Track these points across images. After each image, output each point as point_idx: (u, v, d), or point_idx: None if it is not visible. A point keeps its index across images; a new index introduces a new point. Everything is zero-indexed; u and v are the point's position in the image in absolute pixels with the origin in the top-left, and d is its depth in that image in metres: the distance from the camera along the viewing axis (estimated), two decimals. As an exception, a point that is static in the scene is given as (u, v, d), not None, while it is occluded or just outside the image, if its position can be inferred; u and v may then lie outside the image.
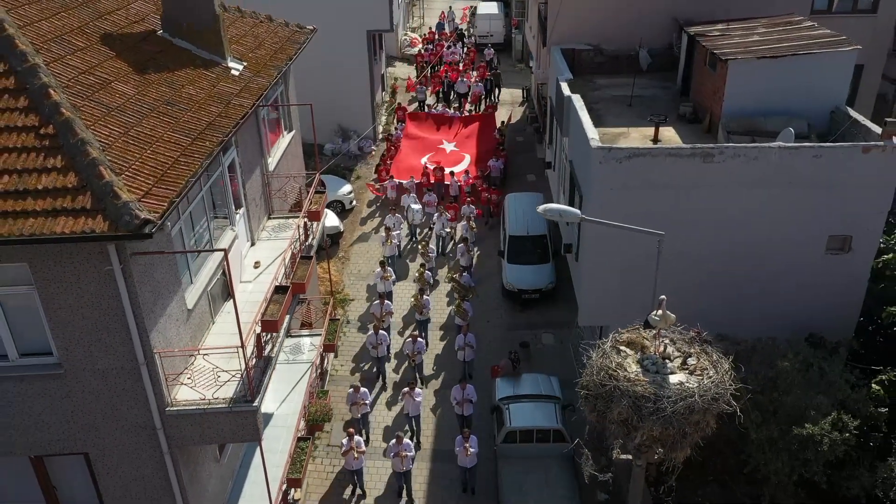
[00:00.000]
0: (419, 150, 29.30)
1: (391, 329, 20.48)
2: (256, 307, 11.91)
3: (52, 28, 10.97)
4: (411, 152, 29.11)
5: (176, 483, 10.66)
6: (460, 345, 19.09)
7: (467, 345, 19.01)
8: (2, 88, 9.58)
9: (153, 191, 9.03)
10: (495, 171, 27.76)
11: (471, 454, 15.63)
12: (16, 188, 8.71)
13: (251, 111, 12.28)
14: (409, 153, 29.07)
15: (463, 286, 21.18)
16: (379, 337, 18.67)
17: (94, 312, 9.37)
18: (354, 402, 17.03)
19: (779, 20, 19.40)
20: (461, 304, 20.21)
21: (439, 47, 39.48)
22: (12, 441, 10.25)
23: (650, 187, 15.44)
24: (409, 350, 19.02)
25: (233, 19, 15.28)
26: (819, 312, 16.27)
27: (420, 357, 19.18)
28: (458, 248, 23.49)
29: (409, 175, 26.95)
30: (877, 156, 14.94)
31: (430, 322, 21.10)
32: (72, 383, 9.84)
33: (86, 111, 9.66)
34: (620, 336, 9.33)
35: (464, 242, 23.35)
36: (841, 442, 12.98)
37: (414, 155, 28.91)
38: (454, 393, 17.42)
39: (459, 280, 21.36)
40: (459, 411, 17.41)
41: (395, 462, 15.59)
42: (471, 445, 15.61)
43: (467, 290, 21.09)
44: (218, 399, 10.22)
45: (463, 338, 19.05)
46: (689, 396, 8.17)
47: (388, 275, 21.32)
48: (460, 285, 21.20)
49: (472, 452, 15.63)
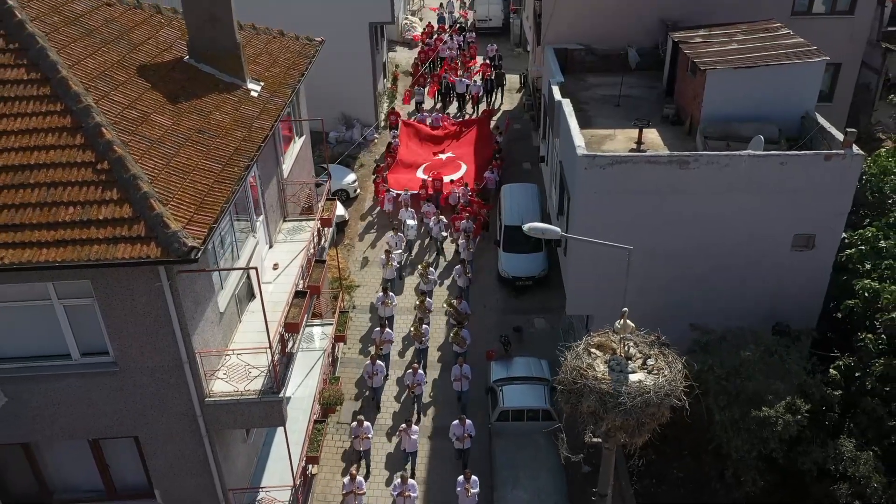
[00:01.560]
0: (415, 160, 29.36)
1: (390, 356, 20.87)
2: (277, 306, 13.66)
3: (96, 65, 12.54)
4: (407, 163, 29.16)
5: (212, 460, 12.52)
6: (456, 375, 19.33)
7: (463, 376, 19.27)
8: (60, 127, 11.21)
9: (195, 218, 10.72)
10: (491, 184, 28.05)
11: (472, 495, 15.96)
12: (80, 219, 10.40)
13: (270, 133, 13.89)
14: (405, 164, 29.14)
15: (459, 312, 21.48)
16: (375, 367, 19.24)
17: (145, 320, 11.12)
18: (357, 436, 17.61)
19: (758, 26, 20.80)
20: (459, 332, 20.48)
21: (438, 42, 38.92)
22: (74, 427, 12.10)
23: (632, 191, 17.08)
24: (409, 381, 19.37)
25: (248, 37, 16.76)
26: (785, 304, 18.05)
27: (420, 388, 19.52)
28: (456, 270, 23.40)
29: (405, 187, 27.05)
30: (837, 163, 16.58)
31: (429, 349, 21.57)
32: (125, 378, 11.64)
33: (133, 146, 11.30)
34: (592, 339, 11.08)
35: (461, 264, 23.35)
36: (794, 423, 14.79)
37: (410, 166, 28.98)
38: (454, 429, 17.72)
39: (457, 307, 21.65)
40: (459, 446, 17.76)
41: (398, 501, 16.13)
42: (471, 486, 15.95)
43: (463, 317, 21.38)
44: (249, 391, 12.03)
45: (459, 369, 19.29)
46: (645, 393, 9.96)
47: (389, 301, 21.60)
48: (457, 311, 21.54)
49: (474, 493, 15.95)
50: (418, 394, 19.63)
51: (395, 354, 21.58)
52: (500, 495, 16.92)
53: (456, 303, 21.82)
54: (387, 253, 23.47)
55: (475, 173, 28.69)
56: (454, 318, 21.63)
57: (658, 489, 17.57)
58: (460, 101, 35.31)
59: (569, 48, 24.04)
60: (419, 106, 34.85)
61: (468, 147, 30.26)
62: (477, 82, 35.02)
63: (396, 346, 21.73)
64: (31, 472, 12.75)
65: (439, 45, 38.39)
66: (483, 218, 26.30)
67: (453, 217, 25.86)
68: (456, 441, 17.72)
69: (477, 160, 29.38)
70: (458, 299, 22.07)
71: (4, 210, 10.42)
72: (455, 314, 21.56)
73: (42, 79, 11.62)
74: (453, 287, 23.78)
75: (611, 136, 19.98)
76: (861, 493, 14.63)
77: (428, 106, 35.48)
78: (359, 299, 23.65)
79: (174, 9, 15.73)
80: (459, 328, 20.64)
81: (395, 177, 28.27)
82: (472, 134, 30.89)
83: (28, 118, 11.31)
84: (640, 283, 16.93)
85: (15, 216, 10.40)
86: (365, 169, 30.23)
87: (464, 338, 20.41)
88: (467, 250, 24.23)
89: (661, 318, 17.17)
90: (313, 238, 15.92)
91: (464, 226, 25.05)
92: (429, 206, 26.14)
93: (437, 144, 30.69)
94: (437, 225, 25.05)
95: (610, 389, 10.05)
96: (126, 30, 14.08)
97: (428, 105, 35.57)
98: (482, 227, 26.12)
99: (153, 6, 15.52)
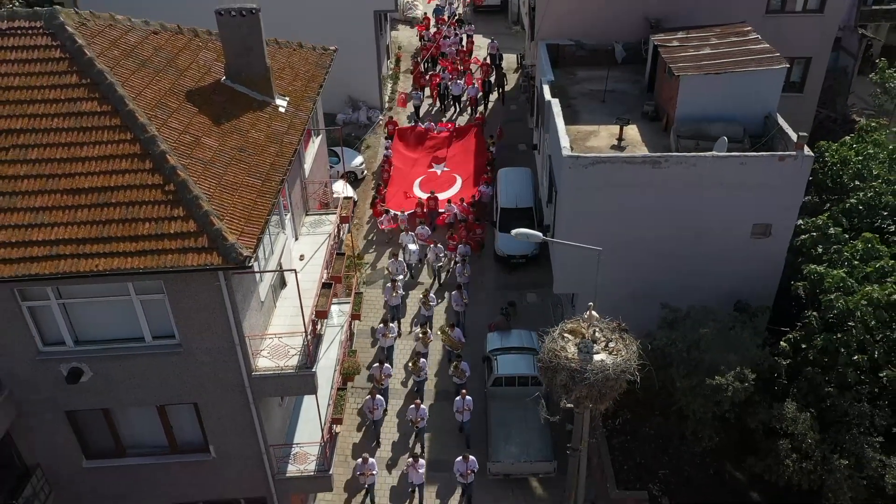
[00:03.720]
0: (410, 175, 30.03)
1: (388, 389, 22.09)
2: (305, 293, 16.40)
3: (153, 94, 15.14)
4: (403, 177, 29.88)
5: (257, 422, 15.49)
6: (459, 407, 20.50)
7: (466, 408, 20.44)
8: (132, 154, 13.88)
9: (245, 230, 13.47)
10: (486, 198, 28.99)
11: None
12: (155, 232, 13.15)
13: (298, 146, 16.55)
14: (400, 179, 29.86)
15: (453, 340, 22.51)
16: (376, 402, 20.44)
17: (205, 310, 13.95)
18: (362, 472, 18.96)
19: (730, 29, 23.17)
20: (458, 365, 21.55)
21: (438, 35, 38.92)
22: (145, 396, 15.06)
23: (611, 187, 19.76)
24: (412, 416, 20.47)
25: (273, 52, 19.20)
26: (745, 284, 20.86)
27: (423, 423, 20.63)
28: (453, 296, 24.26)
29: (402, 206, 27.86)
30: (790, 163, 19.23)
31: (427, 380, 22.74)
32: (187, 357, 14.53)
33: (190, 168, 13.99)
34: (566, 326, 13.93)
35: (458, 290, 24.16)
36: (742, 389, 17.71)
37: (405, 180, 29.71)
38: (457, 466, 18.93)
39: (450, 335, 22.60)
40: (463, 482, 18.96)
41: None
42: None
43: (457, 345, 22.51)
44: (287, 366, 14.94)
45: (462, 401, 20.48)
46: (605, 370, 12.85)
47: (389, 332, 22.77)
48: (450, 339, 22.58)
49: None
50: (421, 427, 20.77)
51: (398, 384, 22.93)
52: (494, 449, 20.07)
53: (449, 330, 22.72)
54: (393, 282, 24.44)
55: (470, 186, 29.39)
56: (449, 346, 22.80)
57: (632, 444, 20.61)
58: (457, 104, 35.54)
59: (560, 43, 26.43)
60: (417, 110, 35.01)
61: (462, 157, 30.88)
62: (475, 86, 35.18)
63: (398, 375, 23.11)
64: (109, 432, 15.75)
65: (439, 39, 38.55)
66: (479, 238, 27.36)
67: (448, 237, 26.60)
68: (459, 477, 19.01)
69: (471, 171, 30.06)
70: (451, 327, 22.91)
71: (95, 225, 13.16)
72: (448, 341, 22.64)
73: (112, 111, 14.26)
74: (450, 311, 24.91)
75: (595, 132, 22.56)
76: (798, 448, 17.61)
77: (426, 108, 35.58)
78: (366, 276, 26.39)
79: (208, 30, 18.19)
80: (459, 360, 21.83)
81: (392, 195, 29.00)
82: (466, 143, 31.46)
83: (104, 146, 13.98)
84: (619, 267, 19.81)
85: (103, 230, 13.16)
86: (371, 150, 32.78)
87: (463, 370, 21.56)
88: (463, 274, 25.22)
89: (637, 297, 20.40)
90: (334, 232, 18.68)
91: (460, 250, 26.02)
92: (423, 229, 26.95)
93: (431, 154, 31.15)
94: (435, 252, 25.80)
95: (578, 367, 12.96)
96: (172, 56, 16.62)
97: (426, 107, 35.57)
98: (478, 246, 27.28)
99: (191, 30, 17.98)
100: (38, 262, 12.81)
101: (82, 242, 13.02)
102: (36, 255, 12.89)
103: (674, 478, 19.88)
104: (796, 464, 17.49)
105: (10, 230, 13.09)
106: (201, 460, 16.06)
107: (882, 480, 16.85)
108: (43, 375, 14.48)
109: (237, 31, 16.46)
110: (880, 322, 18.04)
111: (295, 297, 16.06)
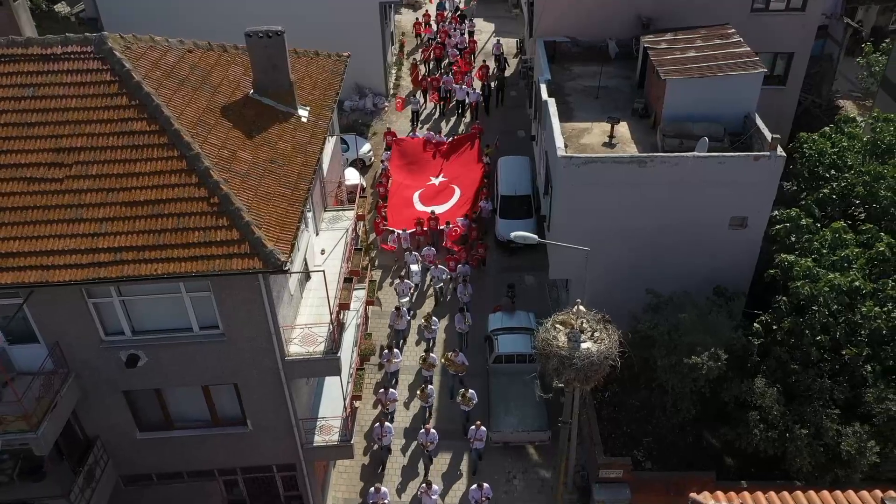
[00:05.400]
0: (409, 187, 30.82)
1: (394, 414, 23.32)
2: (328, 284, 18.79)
3: (193, 112, 17.32)
4: (402, 191, 30.65)
5: (288, 399, 18.00)
6: (472, 437, 21.70)
7: (478, 438, 21.62)
8: (179, 169, 16.12)
9: (280, 237, 15.78)
10: (486, 213, 29.99)
11: None
12: (204, 240, 15.45)
13: (320, 154, 18.77)
14: (399, 193, 30.60)
15: (457, 365, 23.61)
16: (384, 429, 21.72)
17: (246, 305, 16.34)
18: (375, 502, 20.16)
19: (715, 31, 25.17)
20: (466, 393, 22.73)
21: (444, 35, 39.29)
22: (192, 377, 17.55)
23: (602, 184, 21.99)
24: (422, 440, 21.58)
25: (292, 62, 21.25)
26: (724, 271, 23.17)
27: (433, 447, 21.77)
28: (456, 318, 25.31)
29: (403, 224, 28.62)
30: (764, 163, 21.44)
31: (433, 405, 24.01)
32: (230, 345, 16.96)
33: (231, 182, 16.24)
34: (557, 317, 16.35)
35: (461, 312, 25.24)
36: (715, 368, 20.16)
37: (404, 194, 30.52)
38: (472, 494, 20.32)
39: (454, 360, 23.67)
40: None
41: None
42: None
43: (460, 368, 23.66)
44: (316, 352, 17.38)
45: (476, 430, 21.63)
46: (590, 357, 15.29)
47: (394, 358, 23.95)
48: (455, 365, 23.65)
49: None
50: (431, 451, 21.95)
51: (402, 406, 24.21)
52: (495, 420, 22.69)
53: (452, 356, 23.80)
54: (397, 309, 25.48)
55: (468, 198, 30.12)
56: (453, 371, 23.84)
57: (619, 415, 23.17)
58: (460, 107, 36.18)
59: (557, 41, 28.41)
60: (416, 116, 35.70)
61: (461, 168, 31.64)
62: (476, 90, 35.86)
63: (403, 397, 24.44)
64: (160, 408, 18.29)
65: (445, 39, 38.76)
66: (481, 257, 28.48)
67: (448, 258, 27.55)
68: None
69: (469, 183, 30.82)
70: (454, 352, 23.91)
71: (152, 234, 15.47)
72: (452, 367, 23.74)
73: (160, 130, 16.47)
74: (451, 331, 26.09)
75: (588, 129, 24.72)
76: (765, 419, 20.14)
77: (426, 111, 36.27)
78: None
79: (235, 45, 20.26)
80: (466, 389, 23.05)
81: (392, 211, 29.73)
82: (464, 154, 32.12)
83: (155, 162, 16.23)
84: (609, 255, 22.22)
85: (159, 238, 15.47)
86: (377, 137, 34.84)
87: (471, 398, 22.74)
88: (465, 294, 26.28)
89: (625, 283, 22.84)
90: (352, 227, 21.02)
91: (460, 270, 27.00)
92: (429, 250, 27.89)
93: (429, 165, 31.95)
94: (438, 273, 26.87)
95: (567, 354, 15.40)
96: (206, 73, 18.76)
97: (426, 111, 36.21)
98: (480, 262, 28.36)
99: (220, 46, 20.05)
100: (105, 267, 15.15)
101: (142, 249, 15.35)
102: (102, 260, 15.22)
103: (657, 445, 22.45)
104: (763, 433, 20.01)
105: (79, 238, 15.41)
106: (240, 432, 18.63)
107: (838, 447, 19.40)
108: (105, 361, 16.94)
109: (264, 51, 18.58)
110: (842, 306, 20.44)
111: (318, 288, 18.67)
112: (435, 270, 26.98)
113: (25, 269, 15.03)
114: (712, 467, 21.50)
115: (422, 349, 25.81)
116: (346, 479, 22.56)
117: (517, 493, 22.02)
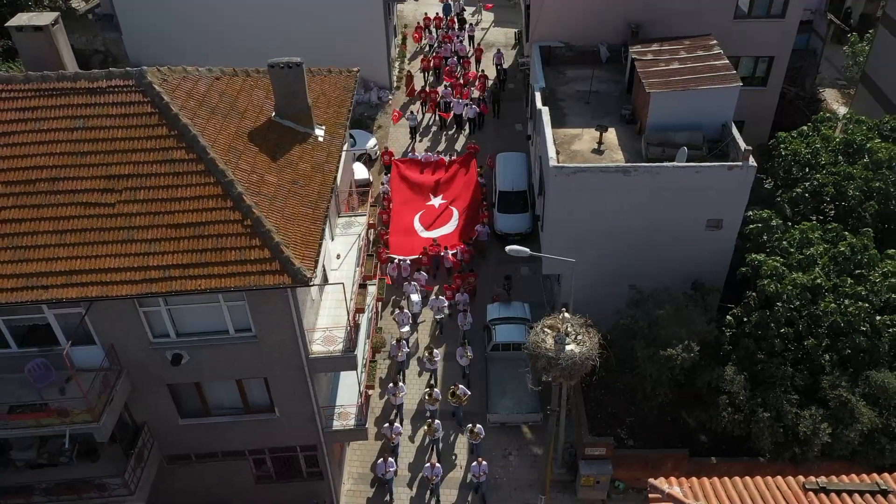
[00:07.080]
0: (409, 211, 31.97)
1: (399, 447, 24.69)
2: (346, 295, 21.48)
3: (224, 139, 19.81)
4: (403, 216, 31.77)
5: (311, 391, 20.84)
6: (475, 473, 22.97)
7: (483, 473, 22.80)
8: (215, 195, 18.68)
9: (305, 254, 18.42)
10: (483, 237, 31.25)
11: None
12: (240, 258, 18.09)
13: (336, 172, 21.31)
14: (400, 218, 31.72)
15: (461, 398, 25.09)
16: (387, 464, 23.16)
17: (275, 311, 19.06)
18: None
19: (698, 43, 27.51)
20: (474, 429, 23.93)
21: (447, 39, 40.24)
22: (227, 373, 20.38)
23: (591, 190, 24.56)
24: (427, 474, 22.95)
25: (307, 82, 23.65)
26: (701, 268, 25.86)
27: (438, 480, 23.07)
28: (457, 352, 26.58)
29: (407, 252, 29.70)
30: (737, 172, 23.97)
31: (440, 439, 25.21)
32: (261, 345, 19.73)
33: (261, 205, 18.81)
34: (546, 322, 19.09)
35: (462, 346, 26.60)
36: (689, 358, 22.96)
37: (405, 218, 31.64)
38: (472, 469, 22.24)
39: (458, 394, 25.13)
40: None
41: None
42: None
43: (464, 400, 25.15)
44: (335, 351, 20.17)
45: (479, 466, 22.85)
46: (573, 357, 18.08)
47: (399, 392, 25.37)
48: (460, 399, 25.11)
49: None
50: (436, 483, 23.30)
51: (406, 439, 25.58)
52: (493, 403, 25.64)
53: (455, 389, 25.38)
54: (398, 341, 26.79)
55: (466, 220, 31.55)
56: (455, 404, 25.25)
57: (605, 397, 26.09)
58: (458, 121, 37.40)
59: (551, 45, 30.68)
60: (413, 132, 36.74)
61: (458, 189, 32.98)
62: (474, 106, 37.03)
63: (406, 430, 25.84)
64: (199, 398, 21.15)
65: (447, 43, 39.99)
66: (473, 286, 29.46)
67: (445, 287, 29.13)
68: None
69: (466, 204, 32.14)
70: (455, 385, 25.53)
71: (195, 253, 18.09)
72: (457, 401, 25.18)
73: (197, 158, 18.97)
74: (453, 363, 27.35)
75: (579, 135, 27.20)
76: (733, 402, 22.99)
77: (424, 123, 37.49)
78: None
79: (257, 69, 22.64)
80: (474, 424, 24.39)
81: (395, 238, 30.90)
82: (462, 175, 33.47)
83: (194, 188, 18.78)
84: (596, 254, 24.91)
85: (201, 257, 18.11)
86: (382, 130, 37.21)
87: (478, 433, 24.11)
88: (465, 323, 27.66)
89: (611, 278, 25.53)
90: (364, 233, 23.65)
91: (459, 299, 28.30)
92: (420, 275, 29.16)
93: (428, 186, 33.02)
94: (437, 302, 28.13)
95: (554, 355, 18.18)
96: (233, 99, 21.19)
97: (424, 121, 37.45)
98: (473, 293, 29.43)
99: (243, 71, 22.43)
100: (157, 283, 17.84)
101: (187, 267, 18.02)
102: (153, 277, 17.90)
103: (638, 424, 25.41)
104: (731, 415, 22.91)
105: (132, 257, 18.07)
106: (268, 418, 21.53)
107: (796, 428, 22.29)
108: (152, 360, 19.74)
109: (285, 80, 21.00)
110: (805, 301, 23.15)
111: (334, 290, 21.49)
112: (434, 301, 28.33)
113: (88, 286, 17.72)
114: (687, 445, 24.43)
115: (423, 380, 27.49)
116: (360, 455, 25.61)
117: (513, 469, 25.06)
